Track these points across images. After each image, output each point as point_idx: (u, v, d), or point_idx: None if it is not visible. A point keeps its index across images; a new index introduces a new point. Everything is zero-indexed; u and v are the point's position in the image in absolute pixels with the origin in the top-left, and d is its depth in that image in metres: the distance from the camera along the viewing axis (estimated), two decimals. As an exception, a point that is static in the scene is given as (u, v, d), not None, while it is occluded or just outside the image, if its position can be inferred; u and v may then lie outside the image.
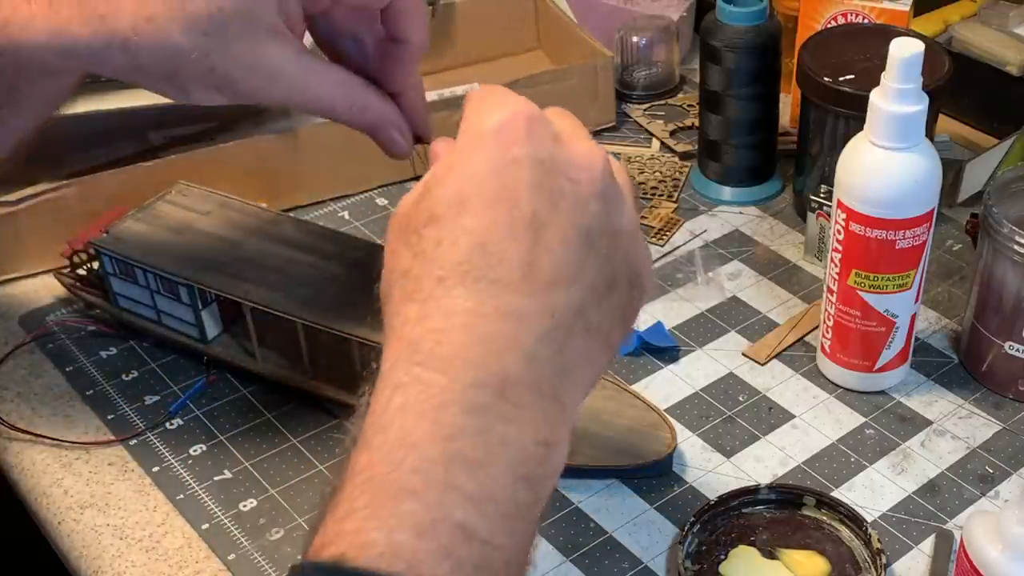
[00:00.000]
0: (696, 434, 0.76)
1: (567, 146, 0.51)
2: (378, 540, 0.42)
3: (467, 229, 0.48)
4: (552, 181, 0.50)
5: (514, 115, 0.50)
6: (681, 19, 1.12)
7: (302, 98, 0.62)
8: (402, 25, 0.64)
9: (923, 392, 0.79)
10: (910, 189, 0.71)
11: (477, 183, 0.49)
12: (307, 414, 0.78)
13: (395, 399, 0.46)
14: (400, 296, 0.49)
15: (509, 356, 0.47)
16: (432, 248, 0.49)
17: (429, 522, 0.43)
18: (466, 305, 0.47)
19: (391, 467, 0.44)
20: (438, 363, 0.46)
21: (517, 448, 0.46)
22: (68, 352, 0.83)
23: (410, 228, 0.50)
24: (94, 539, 0.70)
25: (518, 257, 0.48)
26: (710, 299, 0.87)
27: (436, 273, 0.48)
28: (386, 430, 0.45)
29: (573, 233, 0.49)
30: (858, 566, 0.67)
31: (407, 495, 0.44)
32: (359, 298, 0.74)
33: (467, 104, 0.54)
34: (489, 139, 0.50)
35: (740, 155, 0.96)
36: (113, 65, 0.60)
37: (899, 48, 0.67)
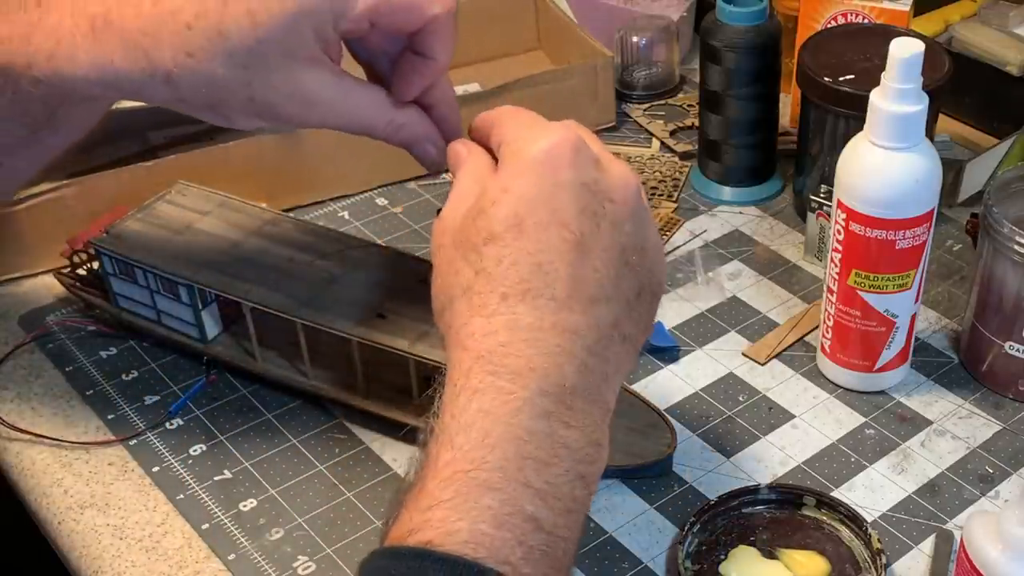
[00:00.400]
0: (696, 434, 0.76)
1: (606, 170, 0.57)
2: (462, 529, 0.48)
3: (525, 250, 0.54)
4: (595, 203, 0.56)
5: (561, 141, 0.56)
6: (681, 19, 1.12)
7: (339, 121, 0.64)
8: (430, 44, 0.65)
9: (923, 392, 0.79)
10: (910, 189, 0.71)
11: (531, 205, 0.54)
12: (307, 414, 0.78)
13: (474, 403, 0.52)
14: (466, 309, 0.55)
15: (568, 367, 0.53)
16: (493, 266, 0.54)
17: (506, 514, 0.49)
18: (528, 321, 0.53)
19: (473, 464, 0.50)
20: (509, 373, 0.52)
21: (575, 449, 0.53)
22: (68, 352, 0.83)
23: (468, 244, 0.55)
24: (94, 539, 0.70)
25: (569, 276, 0.54)
26: (710, 299, 0.87)
27: (500, 291, 0.54)
28: (468, 431, 0.51)
29: (613, 252, 0.56)
30: (858, 566, 0.67)
31: (487, 490, 0.50)
32: (359, 298, 0.74)
33: (500, 126, 0.59)
34: (540, 164, 0.55)
35: (740, 155, 0.96)
36: (156, 97, 0.62)
37: (899, 48, 0.67)
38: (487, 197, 0.56)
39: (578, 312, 0.54)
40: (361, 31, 0.63)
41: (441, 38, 0.65)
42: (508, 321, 0.53)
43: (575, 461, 0.52)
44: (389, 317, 0.73)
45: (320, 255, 0.77)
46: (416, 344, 0.71)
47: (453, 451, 0.51)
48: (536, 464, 0.51)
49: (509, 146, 0.58)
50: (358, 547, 0.69)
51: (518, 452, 0.51)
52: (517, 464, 0.51)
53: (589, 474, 0.53)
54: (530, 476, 0.51)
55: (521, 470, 0.51)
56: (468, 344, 0.54)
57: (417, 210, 0.97)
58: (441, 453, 0.51)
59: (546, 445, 0.52)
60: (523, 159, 0.56)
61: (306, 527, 0.70)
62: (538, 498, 0.51)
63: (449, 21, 0.65)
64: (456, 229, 0.57)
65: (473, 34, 1.14)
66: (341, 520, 0.71)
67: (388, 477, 0.73)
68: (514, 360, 0.52)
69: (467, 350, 0.54)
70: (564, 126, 0.57)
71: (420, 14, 0.63)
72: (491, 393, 0.52)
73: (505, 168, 0.57)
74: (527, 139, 0.57)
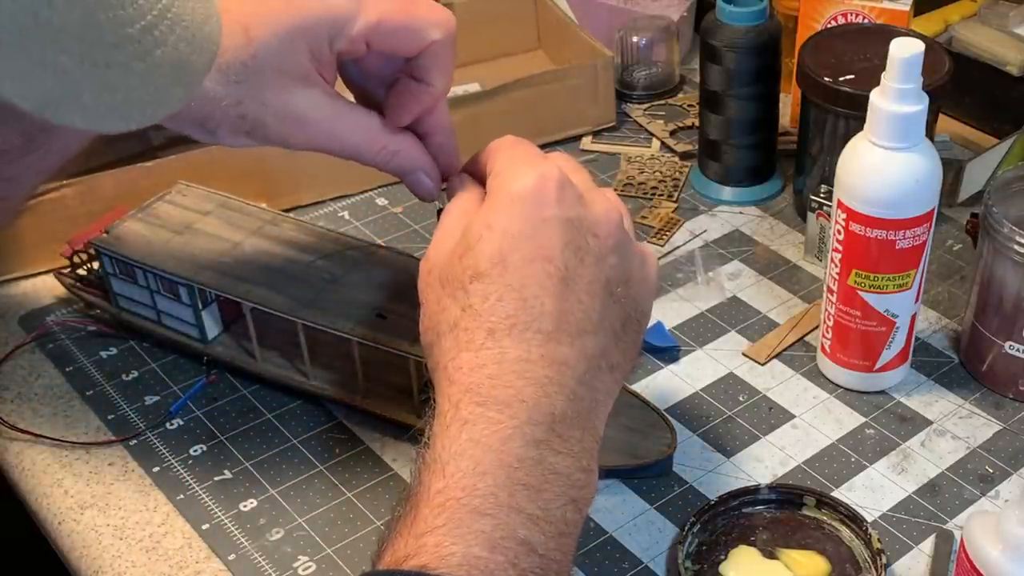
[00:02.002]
0: (696, 434, 0.76)
1: (589, 205, 0.58)
2: (456, 553, 0.49)
3: (511, 285, 0.55)
4: (579, 239, 0.57)
5: (544, 178, 0.57)
6: (681, 19, 1.13)
7: (329, 143, 0.64)
8: (428, 70, 0.65)
9: (923, 392, 0.79)
10: (910, 189, 0.71)
11: (516, 242, 0.55)
12: (307, 414, 0.78)
13: (464, 433, 0.53)
14: (453, 345, 0.55)
15: (557, 397, 0.54)
16: (480, 303, 0.55)
17: (499, 538, 0.50)
18: (515, 354, 0.54)
19: (465, 492, 0.51)
20: (497, 404, 0.53)
21: (566, 475, 0.54)
22: (68, 352, 0.83)
23: (455, 282, 0.56)
24: (94, 539, 0.70)
25: (555, 309, 0.55)
26: (710, 299, 0.87)
27: (486, 326, 0.55)
28: (458, 459, 0.52)
29: (597, 285, 0.57)
30: (858, 566, 0.67)
31: (480, 515, 0.51)
32: (359, 298, 0.74)
33: (494, 159, 0.59)
34: (524, 201, 0.56)
35: (740, 155, 0.96)
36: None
37: (899, 48, 0.67)
38: (472, 234, 0.57)
39: (565, 344, 0.55)
40: (358, 52, 0.64)
41: (440, 64, 0.65)
42: (495, 355, 0.54)
43: (566, 486, 0.54)
44: (389, 317, 0.73)
45: (320, 255, 0.77)
46: (416, 344, 0.71)
47: (445, 479, 0.52)
48: (527, 490, 0.52)
49: (495, 179, 0.58)
50: (358, 547, 0.69)
51: (509, 479, 0.52)
52: (508, 490, 0.52)
53: (581, 498, 0.55)
54: (522, 502, 0.52)
55: (512, 496, 0.52)
56: (456, 378, 0.55)
57: (417, 210, 0.97)
58: (433, 482, 0.52)
59: (536, 472, 0.53)
60: (507, 195, 0.57)
61: (306, 527, 0.70)
62: (530, 522, 0.52)
63: (448, 47, 0.65)
64: (442, 266, 0.58)
65: (473, 34, 1.14)
66: (341, 520, 0.71)
67: (388, 477, 0.73)
68: (503, 391, 0.54)
69: (455, 383, 0.55)
70: (549, 161, 0.58)
71: (419, 38, 0.63)
72: (481, 423, 0.53)
73: (490, 204, 0.58)
74: (512, 174, 0.57)
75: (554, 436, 0.54)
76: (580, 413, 0.55)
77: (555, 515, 0.53)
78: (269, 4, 0.62)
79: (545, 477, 0.53)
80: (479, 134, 1.00)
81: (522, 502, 0.52)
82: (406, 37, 0.63)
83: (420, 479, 0.53)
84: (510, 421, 0.53)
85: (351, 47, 0.62)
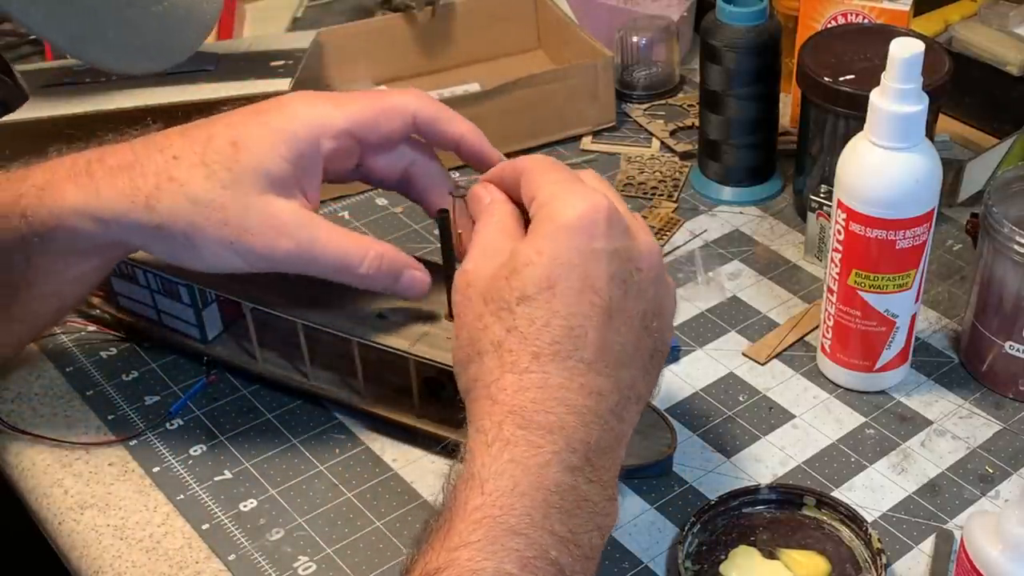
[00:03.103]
0: (696, 434, 0.76)
1: (635, 238, 0.59)
2: (488, 568, 0.51)
3: (557, 312, 0.56)
4: (624, 271, 0.58)
5: (595, 208, 0.58)
6: (681, 19, 1.13)
7: (313, 250, 0.66)
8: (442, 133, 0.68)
9: (923, 392, 0.79)
10: (910, 189, 0.71)
11: (564, 270, 0.56)
12: (307, 414, 0.78)
13: (505, 453, 0.54)
14: (496, 365, 0.57)
15: (594, 426, 0.56)
16: (526, 326, 0.56)
17: (531, 557, 0.52)
18: (558, 381, 0.56)
19: (502, 510, 0.52)
20: (539, 429, 0.55)
21: (596, 503, 0.55)
22: (68, 352, 0.83)
23: (500, 301, 0.57)
24: (94, 539, 0.70)
25: (597, 339, 0.56)
26: (710, 299, 0.87)
27: (531, 349, 0.56)
28: (498, 478, 0.53)
29: (636, 317, 0.58)
30: (858, 566, 0.67)
31: (514, 534, 0.52)
32: (359, 298, 0.74)
33: (535, 182, 0.60)
34: (575, 231, 0.57)
35: (740, 155, 0.96)
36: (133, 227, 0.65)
37: (899, 48, 0.67)
38: (520, 258, 0.57)
39: (604, 375, 0.57)
40: (349, 149, 0.67)
41: (447, 122, 0.68)
42: (539, 379, 0.55)
43: (594, 513, 0.55)
44: (389, 317, 0.73)
45: (320, 255, 0.77)
46: (416, 344, 0.71)
47: (483, 496, 0.53)
48: (561, 514, 0.54)
49: (543, 208, 0.59)
50: (358, 547, 0.69)
51: (545, 501, 0.53)
52: (544, 512, 0.53)
53: (604, 526, 0.56)
54: (555, 525, 0.53)
55: (547, 518, 0.53)
56: (499, 398, 0.56)
57: (417, 210, 0.96)
58: (471, 498, 0.53)
59: (571, 497, 0.54)
60: (558, 223, 0.58)
61: (306, 527, 0.70)
62: (561, 545, 0.53)
63: (434, 103, 0.68)
64: (485, 285, 0.58)
65: (473, 34, 1.14)
66: (341, 520, 0.71)
67: (388, 477, 0.73)
68: (544, 417, 0.55)
69: (498, 403, 0.56)
70: (596, 191, 0.59)
71: (402, 114, 0.67)
72: (522, 446, 0.54)
73: (540, 231, 0.58)
74: (562, 202, 0.58)
75: (587, 464, 0.55)
76: (611, 443, 0.57)
77: (583, 540, 0.54)
78: (258, 115, 0.66)
79: (577, 503, 0.54)
80: (479, 134, 1.00)
81: (555, 525, 0.53)
82: (387, 117, 0.67)
83: (456, 494, 0.54)
84: (550, 447, 0.54)
85: (339, 144, 0.66)
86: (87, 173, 0.65)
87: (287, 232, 0.64)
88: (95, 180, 0.65)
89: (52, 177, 0.66)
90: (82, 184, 0.65)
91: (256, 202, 0.64)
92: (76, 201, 0.65)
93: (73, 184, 0.65)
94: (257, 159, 0.64)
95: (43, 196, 0.65)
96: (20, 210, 0.65)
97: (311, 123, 0.65)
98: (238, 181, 0.63)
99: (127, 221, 0.64)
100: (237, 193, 0.63)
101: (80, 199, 0.64)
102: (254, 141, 0.64)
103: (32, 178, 0.66)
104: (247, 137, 0.64)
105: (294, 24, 1.20)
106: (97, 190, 0.64)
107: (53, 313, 0.73)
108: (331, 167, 0.68)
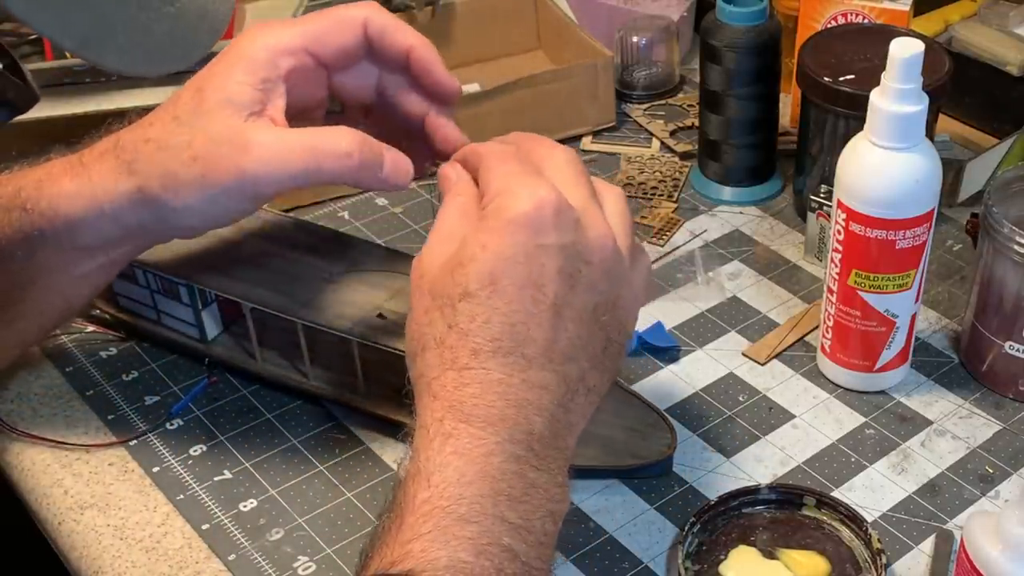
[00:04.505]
0: (696, 434, 0.76)
1: (585, 230, 0.58)
2: (442, 557, 0.51)
3: (499, 309, 0.56)
4: (572, 266, 0.57)
5: (542, 203, 0.57)
6: (681, 19, 1.13)
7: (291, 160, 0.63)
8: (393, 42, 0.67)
9: (923, 392, 0.79)
10: (910, 189, 0.71)
11: (509, 265, 0.56)
12: (307, 414, 0.78)
13: (448, 446, 0.54)
14: (437, 362, 0.56)
15: (536, 418, 0.56)
16: (467, 322, 0.56)
17: (484, 544, 0.52)
18: (499, 376, 0.55)
19: (450, 500, 0.52)
20: (480, 422, 0.55)
21: (544, 489, 0.55)
22: (68, 352, 0.83)
23: (444, 297, 0.57)
24: (94, 539, 0.70)
25: (542, 336, 0.56)
26: (710, 299, 0.87)
27: (471, 346, 0.56)
28: (443, 470, 0.53)
29: (585, 312, 0.58)
30: (858, 566, 0.67)
31: (465, 523, 0.52)
32: (359, 298, 0.74)
33: (489, 171, 0.59)
34: (520, 226, 0.56)
35: (740, 155, 0.96)
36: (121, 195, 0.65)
37: (899, 48, 0.67)
38: (466, 251, 0.57)
39: (548, 370, 0.56)
40: (308, 68, 0.66)
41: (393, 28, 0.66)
42: (479, 375, 0.55)
43: (544, 499, 0.55)
44: (389, 317, 0.73)
45: (320, 255, 0.77)
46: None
47: (430, 489, 0.53)
48: (510, 501, 0.54)
49: (493, 199, 0.58)
50: (358, 547, 0.69)
51: (493, 489, 0.53)
52: (492, 500, 0.53)
53: (557, 511, 0.56)
54: (505, 511, 0.53)
55: (496, 505, 0.53)
56: (440, 394, 0.56)
57: (417, 210, 0.97)
58: (418, 492, 0.53)
59: (518, 484, 0.54)
60: (504, 218, 0.57)
61: (306, 527, 0.70)
62: (513, 531, 0.53)
63: (387, 16, 0.67)
64: (434, 276, 0.58)
65: (473, 34, 1.14)
66: (341, 520, 0.71)
67: (388, 477, 0.73)
68: (485, 411, 0.55)
69: (438, 399, 0.56)
70: (545, 184, 0.58)
71: (351, 23, 0.66)
72: (464, 438, 0.54)
73: (485, 224, 0.57)
74: (511, 196, 0.57)
75: (532, 454, 0.55)
76: (557, 434, 0.57)
77: (535, 525, 0.54)
78: (216, 58, 0.66)
79: (525, 490, 0.54)
80: (479, 134, 1.00)
81: (505, 511, 0.53)
82: (339, 28, 0.66)
83: (404, 490, 0.54)
84: (492, 437, 0.54)
85: (296, 61, 0.65)
86: (80, 163, 0.66)
87: (256, 141, 0.63)
88: (87, 168, 0.66)
89: (50, 171, 0.67)
90: (77, 173, 0.66)
91: (220, 128, 0.63)
92: (72, 189, 0.65)
93: (69, 175, 0.66)
94: (219, 92, 0.63)
95: (42, 187, 0.66)
96: (20, 203, 0.66)
97: (266, 45, 0.65)
98: (202, 117, 0.63)
99: (117, 196, 0.65)
100: (202, 127, 0.63)
101: (75, 187, 0.65)
102: (215, 77, 0.64)
103: (32, 174, 0.67)
104: (208, 78, 0.64)
105: (294, 24, 1.20)
106: (89, 176, 0.65)
107: (59, 314, 0.73)
108: (298, 92, 0.66)
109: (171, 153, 0.63)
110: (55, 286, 0.69)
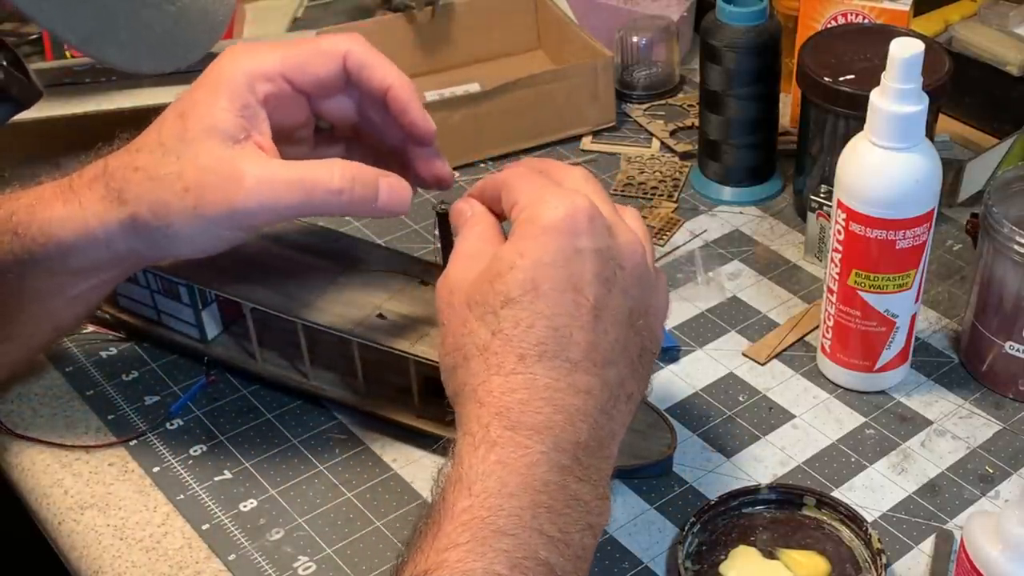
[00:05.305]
0: (696, 434, 0.76)
1: (617, 236, 0.59)
2: (477, 569, 0.51)
3: (542, 313, 0.56)
4: (607, 270, 0.58)
5: (576, 209, 0.57)
6: (681, 19, 1.13)
7: (277, 192, 0.63)
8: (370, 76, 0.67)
9: (923, 392, 0.79)
10: (910, 189, 0.71)
11: (547, 271, 0.56)
12: (307, 414, 0.78)
13: (492, 455, 0.54)
14: (482, 368, 0.57)
15: (582, 425, 0.56)
16: (511, 328, 0.56)
17: (520, 558, 0.52)
18: (545, 381, 0.56)
19: (490, 511, 0.52)
20: (526, 429, 0.55)
21: (586, 501, 0.55)
22: (68, 352, 0.83)
23: (484, 306, 0.57)
24: (94, 539, 0.70)
25: (584, 339, 0.57)
26: (710, 299, 0.87)
27: (517, 351, 0.56)
28: (485, 479, 0.53)
29: (622, 316, 0.58)
30: (858, 566, 0.67)
31: (503, 535, 0.52)
32: (359, 298, 0.74)
33: (514, 188, 0.60)
34: (556, 231, 0.57)
35: (740, 155, 0.96)
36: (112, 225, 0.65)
37: (899, 48, 0.67)
38: (503, 261, 0.57)
39: (592, 373, 0.57)
40: (286, 94, 0.66)
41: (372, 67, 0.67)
42: (526, 380, 0.55)
43: (584, 512, 0.55)
44: (389, 317, 0.73)
45: (320, 255, 0.77)
46: (416, 344, 0.71)
47: (471, 498, 0.53)
48: (550, 514, 0.54)
49: (524, 211, 0.59)
50: (358, 547, 0.69)
51: (533, 502, 0.53)
52: (532, 513, 0.53)
53: (597, 524, 0.56)
54: (544, 525, 0.53)
55: (536, 518, 0.53)
56: (486, 400, 0.56)
57: (417, 210, 0.97)
58: (459, 500, 0.53)
59: (560, 497, 0.54)
60: (539, 225, 0.57)
61: (306, 527, 0.70)
62: (551, 545, 0.53)
63: (367, 48, 0.67)
64: (468, 290, 0.58)
65: (473, 34, 1.14)
66: (341, 520, 0.71)
67: (388, 477, 0.73)
68: (532, 417, 0.55)
69: (485, 405, 0.56)
70: (576, 193, 0.59)
71: (333, 56, 0.66)
72: (509, 447, 0.54)
73: (521, 233, 0.58)
74: (543, 204, 0.58)
75: (576, 464, 0.55)
76: (601, 442, 0.57)
77: (574, 539, 0.54)
78: (198, 82, 0.66)
79: (567, 502, 0.54)
80: (479, 134, 1.00)
81: (544, 525, 0.53)
82: (319, 58, 0.66)
83: (444, 496, 0.54)
84: (538, 447, 0.54)
85: (273, 87, 0.65)
86: (70, 189, 0.67)
87: (247, 174, 0.63)
88: (77, 194, 0.66)
89: (41, 195, 0.67)
90: (67, 199, 0.66)
91: (209, 160, 0.63)
92: (63, 214, 0.66)
93: (60, 200, 0.67)
94: (204, 120, 0.64)
95: (33, 212, 0.67)
96: (12, 227, 0.67)
97: (245, 70, 0.65)
98: (190, 146, 0.63)
99: (108, 223, 0.65)
100: (191, 157, 0.63)
101: (67, 212, 0.66)
102: (198, 105, 0.64)
103: (24, 198, 0.68)
104: (191, 104, 0.65)
105: (294, 24, 1.20)
106: (80, 202, 0.66)
107: (48, 335, 0.74)
108: (279, 116, 0.67)
109: (162, 183, 0.64)
110: (46, 308, 0.70)
